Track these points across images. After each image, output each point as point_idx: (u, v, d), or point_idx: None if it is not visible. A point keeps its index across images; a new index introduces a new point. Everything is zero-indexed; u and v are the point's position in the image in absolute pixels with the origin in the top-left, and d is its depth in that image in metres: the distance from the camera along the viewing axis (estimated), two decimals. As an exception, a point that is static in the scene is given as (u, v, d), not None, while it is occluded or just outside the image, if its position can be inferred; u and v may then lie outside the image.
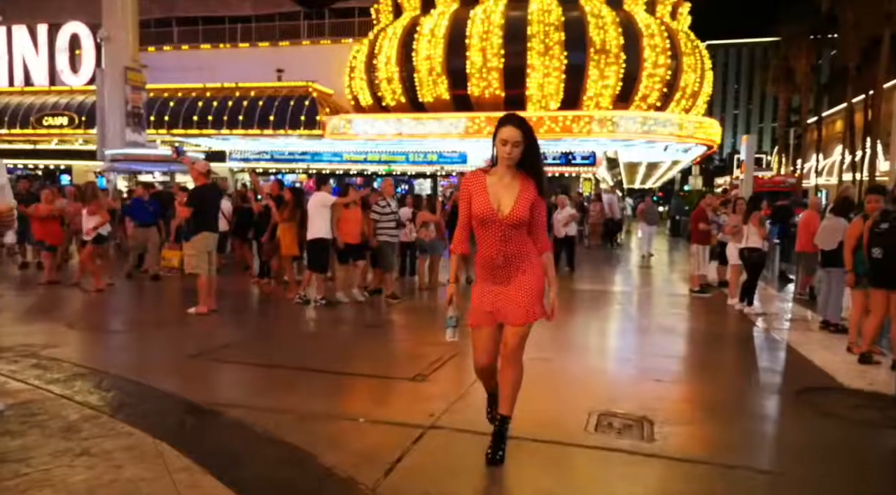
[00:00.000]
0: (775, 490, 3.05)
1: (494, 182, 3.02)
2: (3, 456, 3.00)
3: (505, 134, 2.94)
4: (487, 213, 2.97)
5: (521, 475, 3.05)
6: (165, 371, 4.81)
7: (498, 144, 2.97)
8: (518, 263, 3.02)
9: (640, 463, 3.22)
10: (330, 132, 22.49)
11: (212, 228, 7.33)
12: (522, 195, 2.98)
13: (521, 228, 2.99)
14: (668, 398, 4.38)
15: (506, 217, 2.95)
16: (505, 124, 2.96)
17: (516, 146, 2.93)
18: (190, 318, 6.89)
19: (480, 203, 2.99)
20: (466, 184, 3.08)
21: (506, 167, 2.99)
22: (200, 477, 2.82)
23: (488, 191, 3.00)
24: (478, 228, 3.03)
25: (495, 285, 3.05)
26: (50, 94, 26.34)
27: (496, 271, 3.04)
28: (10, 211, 3.68)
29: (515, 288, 3.01)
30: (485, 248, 3.03)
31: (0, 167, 3.78)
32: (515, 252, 3.01)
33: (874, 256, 5.27)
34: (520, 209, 2.96)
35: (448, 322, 3.13)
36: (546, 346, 5.52)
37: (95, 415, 3.62)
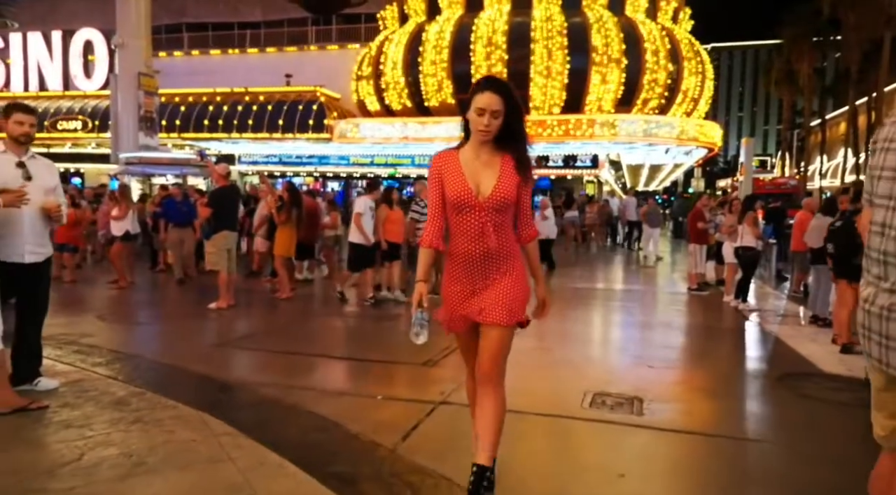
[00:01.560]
0: (748, 453, 3.43)
1: (470, 160, 2.47)
2: (68, 422, 3.42)
3: (482, 101, 2.38)
4: (464, 196, 2.42)
5: (522, 439, 3.44)
6: (195, 357, 5.22)
7: (472, 115, 2.41)
8: (500, 263, 2.47)
9: (629, 432, 3.61)
10: (338, 136, 22.97)
11: (231, 227, 7.76)
12: (506, 171, 2.44)
13: (506, 214, 2.46)
14: (658, 381, 4.76)
15: (487, 199, 2.41)
16: (483, 89, 2.40)
17: (496, 116, 2.38)
18: (210, 313, 7.30)
19: (455, 185, 2.44)
20: (437, 166, 2.53)
21: (481, 142, 2.46)
22: (242, 439, 3.22)
23: (464, 171, 2.45)
24: (453, 217, 2.48)
25: (470, 287, 2.50)
26: (64, 98, 26.91)
27: (472, 270, 2.48)
28: (59, 208, 4.10)
29: (496, 290, 2.47)
30: (461, 241, 2.48)
31: (53, 170, 4.21)
32: (498, 248, 2.46)
33: (828, 251, 5.78)
34: (504, 188, 2.42)
35: (414, 319, 2.52)
36: (547, 337, 5.92)
37: (140, 392, 4.03)
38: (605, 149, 22.00)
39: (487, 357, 2.50)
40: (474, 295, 2.50)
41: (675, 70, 21.31)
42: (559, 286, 9.95)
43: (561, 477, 3.03)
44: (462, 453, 2.90)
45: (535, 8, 21.13)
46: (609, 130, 19.96)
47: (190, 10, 29.35)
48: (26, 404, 3.59)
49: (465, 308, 2.51)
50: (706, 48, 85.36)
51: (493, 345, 2.48)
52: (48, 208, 3.93)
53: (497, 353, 2.50)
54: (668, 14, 22.90)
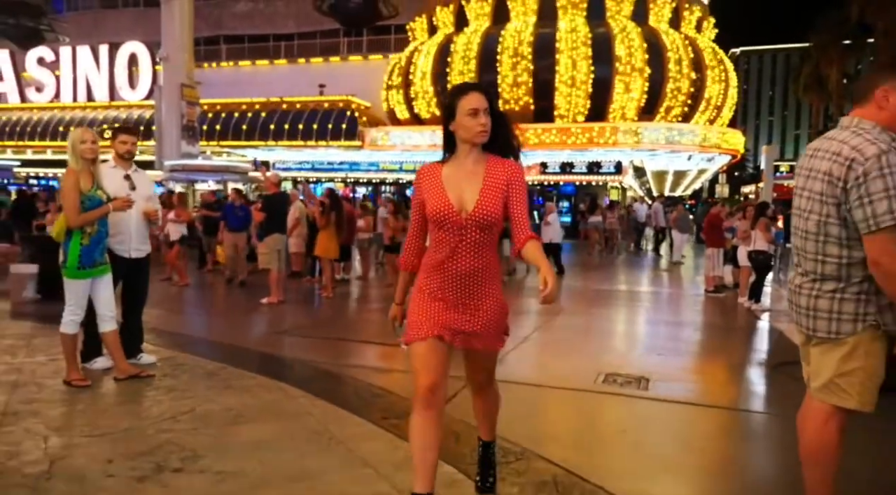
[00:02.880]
0: (738, 421, 4.07)
1: (453, 172, 2.33)
2: (172, 387, 4.21)
3: (474, 101, 2.26)
4: (445, 212, 2.27)
5: (545, 405, 4.13)
6: (259, 342, 6.03)
7: (464, 118, 2.26)
8: (482, 283, 2.32)
9: (634, 402, 4.28)
10: (369, 143, 23.88)
11: (281, 230, 8.59)
12: (489, 184, 2.28)
13: (491, 231, 2.30)
14: (665, 366, 5.40)
15: (470, 215, 2.26)
16: (468, 92, 2.29)
17: (488, 114, 2.28)
18: (263, 307, 8.12)
19: (436, 200, 2.30)
20: (419, 181, 2.40)
21: (469, 148, 2.31)
22: (315, 400, 3.97)
23: (444, 185, 2.31)
24: (435, 232, 2.34)
25: (449, 302, 2.33)
26: (109, 108, 28.34)
27: (451, 286, 2.31)
28: (157, 213, 4.92)
29: (483, 312, 2.34)
30: (440, 258, 2.32)
31: (150, 181, 5.05)
32: (480, 266, 2.30)
33: None
34: (487, 203, 2.26)
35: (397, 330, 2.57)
36: (569, 331, 6.59)
37: (223, 366, 4.82)
38: (628, 156, 22.50)
39: (484, 374, 2.55)
40: (453, 310, 2.32)
41: (698, 78, 21.75)
42: (583, 287, 10.58)
43: (576, 431, 3.71)
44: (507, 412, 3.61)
45: (560, 19, 21.78)
46: (632, 138, 20.48)
47: (227, 23, 30.66)
48: (138, 372, 4.40)
49: (447, 319, 2.32)
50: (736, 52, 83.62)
51: (490, 364, 2.53)
52: (148, 213, 4.76)
53: (492, 370, 2.57)
54: (691, 23, 23.35)
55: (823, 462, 2.25)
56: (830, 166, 2.17)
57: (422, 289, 2.40)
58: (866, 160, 2.07)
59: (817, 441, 2.27)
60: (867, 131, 2.16)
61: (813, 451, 2.28)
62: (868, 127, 2.18)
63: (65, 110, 29.19)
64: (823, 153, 2.24)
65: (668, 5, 22.18)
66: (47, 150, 29.26)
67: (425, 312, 2.35)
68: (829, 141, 2.26)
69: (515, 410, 4.08)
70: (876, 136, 2.13)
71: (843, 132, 2.24)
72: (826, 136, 2.32)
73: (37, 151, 29.62)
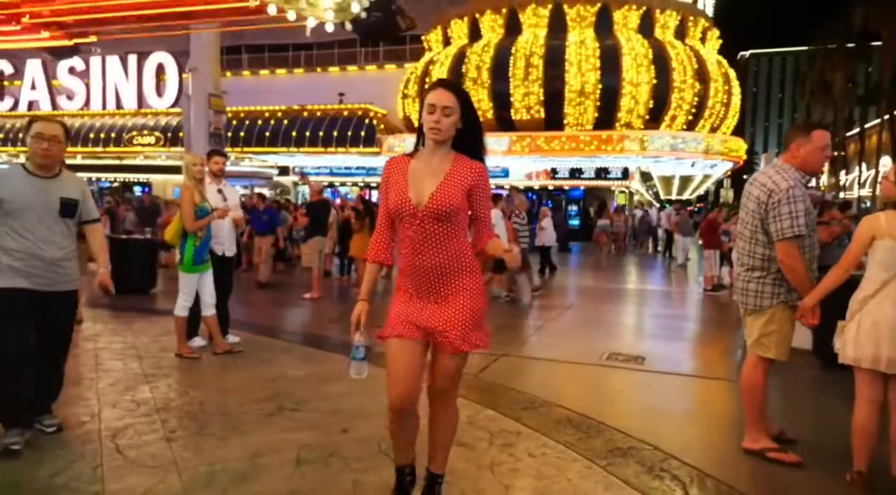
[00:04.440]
0: (722, 389, 5.11)
1: (419, 167, 2.33)
2: (261, 359, 5.29)
3: (432, 97, 2.25)
4: (402, 205, 2.29)
5: (559, 375, 5.19)
6: (315, 327, 7.12)
7: (424, 114, 2.28)
8: (452, 277, 2.33)
9: (631, 373, 5.32)
10: (387, 150, 24.99)
11: (323, 233, 9.68)
12: (451, 178, 2.28)
13: (449, 223, 2.29)
14: (661, 348, 6.43)
15: (426, 206, 2.26)
16: (434, 88, 2.30)
17: (447, 114, 2.25)
18: (306, 301, 9.19)
19: (396, 193, 2.31)
20: (385, 173, 2.40)
21: (434, 145, 2.31)
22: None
23: (408, 179, 2.31)
24: (399, 227, 2.37)
25: (420, 302, 2.38)
26: (137, 115, 29.64)
27: (421, 284, 2.36)
28: (242, 219, 6.02)
29: (450, 309, 2.34)
30: (406, 255, 2.36)
31: (235, 193, 6.14)
32: (447, 261, 2.31)
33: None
34: (442, 195, 2.26)
35: (353, 352, 2.44)
36: (578, 321, 7.62)
37: (292, 345, 5.91)
38: (634, 162, 23.49)
39: (442, 377, 2.39)
40: (424, 308, 2.36)
41: (702, 88, 22.71)
42: (593, 286, 11.61)
43: (584, 391, 4.76)
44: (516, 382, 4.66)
45: (570, 32, 22.82)
46: (638, 145, 21.48)
47: (248, 33, 31.84)
48: (230, 348, 5.50)
49: (414, 316, 2.37)
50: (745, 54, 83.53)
51: (451, 369, 2.38)
52: (236, 220, 5.86)
53: (453, 376, 2.41)
54: (696, 36, 24.33)
55: (754, 394, 3.30)
56: (759, 193, 3.23)
57: (400, 288, 2.44)
58: (780, 191, 3.12)
59: (750, 380, 3.32)
60: (785, 171, 3.21)
61: (747, 387, 3.33)
62: (787, 168, 3.24)
63: (94, 117, 30.52)
64: (757, 184, 3.29)
65: (674, 18, 23.18)
66: (77, 155, 30.57)
67: (402, 311, 2.40)
68: (762, 175, 3.32)
69: (537, 377, 5.16)
70: (790, 175, 3.18)
71: (771, 170, 3.29)
72: (761, 171, 3.38)
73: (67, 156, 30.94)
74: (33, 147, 3.29)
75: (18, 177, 3.30)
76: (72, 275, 3.45)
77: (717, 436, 3.90)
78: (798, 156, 3.24)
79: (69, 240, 3.43)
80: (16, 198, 3.22)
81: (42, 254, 3.26)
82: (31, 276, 3.23)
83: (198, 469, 3.04)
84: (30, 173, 3.32)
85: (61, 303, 3.39)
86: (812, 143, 3.19)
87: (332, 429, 3.64)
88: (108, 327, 6.55)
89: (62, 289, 3.38)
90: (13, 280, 3.18)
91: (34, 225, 3.25)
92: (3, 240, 3.22)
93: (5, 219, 3.22)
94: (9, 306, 3.16)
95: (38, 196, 3.28)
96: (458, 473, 3.03)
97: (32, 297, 3.23)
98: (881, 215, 3.00)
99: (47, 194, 3.32)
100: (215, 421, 3.74)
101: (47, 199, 3.31)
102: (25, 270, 3.22)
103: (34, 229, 3.25)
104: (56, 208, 3.32)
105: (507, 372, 5.22)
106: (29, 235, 3.23)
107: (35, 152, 3.29)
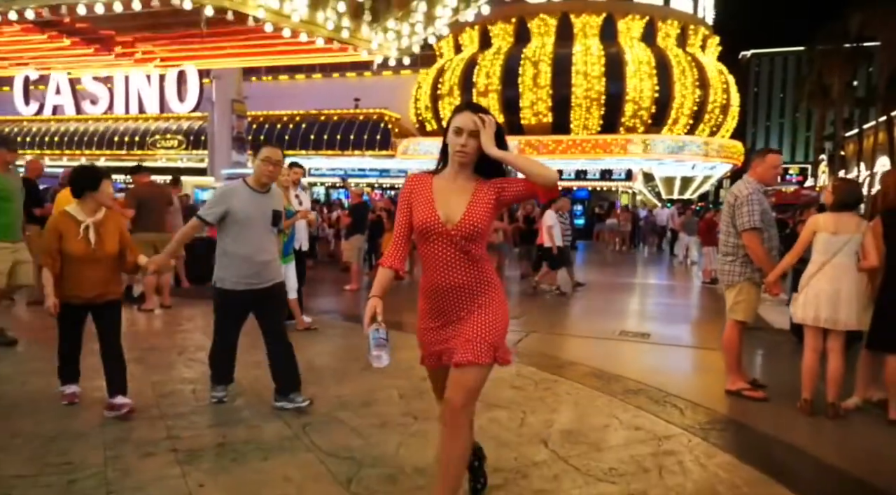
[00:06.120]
0: (712, 355, 6.29)
1: (443, 186, 2.37)
2: (337, 335, 6.49)
3: (460, 120, 2.31)
4: (431, 223, 2.31)
5: (581, 346, 6.38)
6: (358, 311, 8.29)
7: (450, 136, 2.32)
8: (474, 296, 2.34)
9: (638, 345, 6.51)
10: (401, 152, 26.21)
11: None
12: (478, 198, 2.33)
13: (477, 243, 2.33)
14: (663, 327, 7.60)
15: (456, 227, 2.29)
16: (462, 110, 2.35)
17: (474, 137, 2.29)
18: (348, 292, 10.37)
19: (423, 210, 2.34)
20: (408, 188, 2.42)
21: (458, 166, 2.35)
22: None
23: (434, 197, 2.35)
24: (422, 246, 2.38)
25: (441, 321, 2.39)
26: (159, 119, 30.86)
27: (443, 304, 2.37)
28: (314, 220, 7.20)
29: (472, 324, 2.32)
30: (429, 273, 2.38)
31: (308, 197, 7.34)
32: (470, 281, 2.34)
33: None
34: (474, 215, 2.30)
35: (371, 340, 2.28)
36: (593, 308, 8.80)
37: (353, 326, 7.09)
38: (637, 164, 24.66)
39: (463, 393, 2.27)
40: (445, 329, 2.37)
41: (702, 94, 23.88)
42: (604, 280, 12.79)
43: (602, 357, 5.95)
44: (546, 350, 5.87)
45: (576, 40, 24.01)
46: (641, 148, 22.66)
47: (265, 40, 33.09)
48: (309, 325, 6.69)
49: (437, 344, 2.39)
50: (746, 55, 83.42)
51: (468, 381, 2.26)
52: (310, 220, 7.05)
53: (466, 400, 2.28)
54: (696, 43, 25.49)
55: (731, 348, 4.50)
56: (730, 198, 4.43)
57: (422, 311, 2.46)
58: (742, 196, 4.32)
59: (728, 338, 4.52)
60: (748, 183, 4.41)
61: (726, 344, 4.53)
62: (749, 181, 4.44)
63: (118, 121, 31.77)
64: (730, 192, 4.48)
65: (675, 27, 24.35)
66: (101, 158, 31.82)
67: (422, 338, 2.48)
68: (734, 185, 4.50)
69: (563, 348, 6.37)
70: (750, 185, 4.37)
71: (740, 182, 4.48)
72: (736, 183, 4.56)
73: (90, 159, 32.18)
74: (261, 168, 3.84)
75: (244, 191, 3.86)
76: (277, 271, 4.02)
77: (707, 383, 5.09)
78: (757, 172, 4.45)
79: (274, 246, 4.04)
80: (243, 209, 3.78)
81: (256, 257, 3.81)
82: (247, 279, 3.81)
83: (332, 400, 4.22)
84: (251, 189, 3.88)
85: (270, 294, 3.94)
86: (766, 163, 4.41)
87: (415, 377, 4.81)
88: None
89: (269, 284, 3.92)
90: (235, 283, 3.79)
91: (253, 232, 3.80)
92: (227, 246, 3.80)
93: (231, 227, 3.78)
94: (231, 305, 3.83)
95: (258, 208, 3.83)
96: (515, 404, 4.21)
97: (249, 295, 3.83)
98: (821, 216, 4.19)
99: (264, 207, 3.87)
100: (327, 374, 4.93)
101: (264, 211, 3.86)
102: (244, 274, 3.79)
103: (252, 236, 3.80)
104: (269, 218, 3.88)
105: (538, 344, 6.41)
106: (248, 241, 3.78)
107: (262, 172, 3.84)
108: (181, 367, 5.03)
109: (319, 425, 3.72)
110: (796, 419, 4.14)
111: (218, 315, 4.01)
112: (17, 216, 5.27)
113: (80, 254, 3.63)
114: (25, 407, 3.88)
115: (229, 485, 2.92)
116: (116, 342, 3.83)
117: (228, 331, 3.99)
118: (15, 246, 5.21)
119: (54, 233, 3.64)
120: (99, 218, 3.72)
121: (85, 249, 3.64)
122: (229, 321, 3.96)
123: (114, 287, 3.84)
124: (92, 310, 3.77)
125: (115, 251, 3.78)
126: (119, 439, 3.39)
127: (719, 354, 6.13)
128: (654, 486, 3.01)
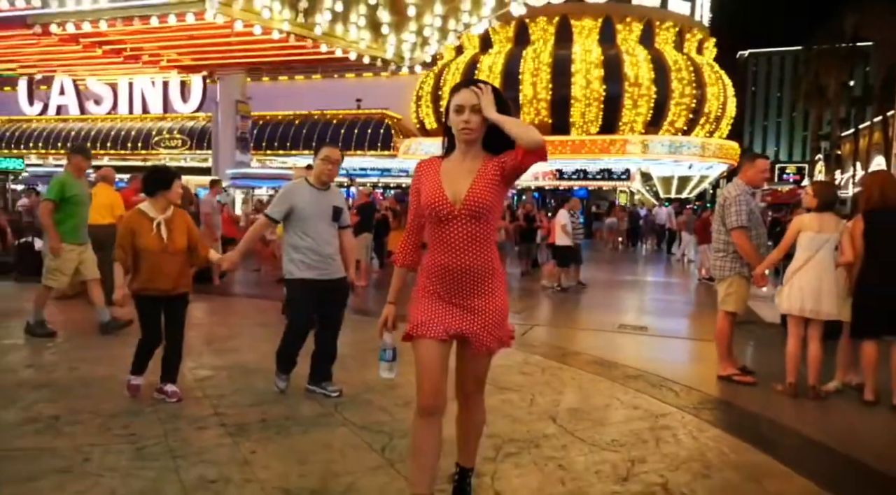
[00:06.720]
0: (706, 346, 6.70)
1: (451, 167, 2.34)
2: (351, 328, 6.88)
3: (460, 98, 2.26)
4: (439, 203, 2.28)
5: (582, 338, 6.78)
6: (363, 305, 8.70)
7: (452, 116, 2.28)
8: (482, 281, 2.33)
9: (636, 336, 6.91)
10: (403, 152, 26.58)
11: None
12: (483, 174, 2.28)
13: (484, 222, 2.29)
14: (660, 321, 8.02)
15: (463, 203, 2.26)
16: (459, 89, 2.30)
17: (476, 111, 2.23)
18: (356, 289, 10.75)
19: (430, 190, 2.31)
20: (417, 174, 2.42)
21: (465, 145, 2.31)
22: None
23: (441, 178, 2.32)
24: (431, 228, 2.36)
25: (447, 301, 2.35)
26: (163, 120, 31.22)
27: (450, 285, 2.33)
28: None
29: (480, 312, 2.34)
30: (437, 254, 2.34)
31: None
32: (478, 263, 2.31)
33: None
34: (478, 192, 2.26)
35: (382, 354, 2.46)
36: (594, 302, 9.21)
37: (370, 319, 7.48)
38: (635, 164, 25.08)
39: (474, 380, 2.46)
40: (452, 312, 2.34)
41: (698, 95, 24.30)
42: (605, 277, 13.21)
43: (602, 347, 6.34)
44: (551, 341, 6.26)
45: (575, 42, 24.41)
46: (639, 148, 23.07)
47: (267, 41, 33.39)
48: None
49: (447, 321, 2.33)
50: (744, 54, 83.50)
51: (482, 370, 2.45)
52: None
53: (484, 377, 2.47)
54: (693, 45, 25.91)
55: (723, 337, 4.90)
56: (721, 199, 4.83)
57: (425, 288, 2.39)
58: (731, 198, 4.72)
59: (720, 328, 4.92)
60: (737, 185, 4.81)
61: (718, 333, 4.94)
62: (739, 183, 4.84)
63: (123, 121, 32.11)
64: (722, 192, 4.88)
65: (672, 29, 24.75)
66: (105, 158, 32.14)
67: (431, 311, 2.34)
68: (725, 187, 4.90)
69: (566, 339, 6.77)
70: (739, 188, 4.77)
71: (730, 184, 4.88)
72: (726, 185, 4.97)
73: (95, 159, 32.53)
74: (321, 166, 4.06)
75: (306, 189, 4.08)
76: (340, 265, 4.18)
77: (700, 370, 5.49)
78: (746, 175, 4.85)
79: (336, 240, 4.20)
80: (306, 206, 4.01)
81: (322, 250, 4.03)
82: (315, 269, 4.03)
83: (358, 384, 4.60)
84: (312, 186, 4.10)
85: (337, 287, 4.15)
86: (755, 167, 4.81)
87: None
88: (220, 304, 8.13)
89: (336, 277, 4.13)
90: (304, 272, 4.02)
91: (316, 227, 4.02)
92: (294, 240, 4.03)
93: (297, 223, 4.01)
94: (303, 293, 4.04)
95: (319, 205, 4.05)
96: (524, 388, 4.60)
97: (318, 285, 4.05)
98: (805, 216, 4.59)
99: (325, 203, 4.08)
100: (349, 362, 5.31)
101: (325, 207, 4.08)
102: (312, 264, 4.02)
103: (316, 231, 4.02)
104: (329, 214, 4.10)
105: (543, 335, 6.81)
106: (313, 235, 4.01)
107: (322, 171, 4.06)
108: (212, 356, 5.41)
109: (350, 404, 4.11)
110: (781, 400, 4.55)
111: (292, 305, 4.26)
112: (84, 220, 5.75)
113: (155, 248, 3.89)
114: (79, 390, 4.26)
115: (278, 452, 3.31)
116: (181, 333, 4.11)
117: (304, 321, 4.16)
118: (80, 248, 5.66)
119: (128, 230, 3.92)
120: (169, 215, 4.00)
121: (158, 244, 3.90)
122: (304, 309, 4.12)
123: (184, 280, 4.09)
124: (165, 301, 4.01)
125: (184, 246, 4.04)
126: (172, 415, 3.78)
127: (713, 345, 6.53)
128: (652, 453, 3.41)
